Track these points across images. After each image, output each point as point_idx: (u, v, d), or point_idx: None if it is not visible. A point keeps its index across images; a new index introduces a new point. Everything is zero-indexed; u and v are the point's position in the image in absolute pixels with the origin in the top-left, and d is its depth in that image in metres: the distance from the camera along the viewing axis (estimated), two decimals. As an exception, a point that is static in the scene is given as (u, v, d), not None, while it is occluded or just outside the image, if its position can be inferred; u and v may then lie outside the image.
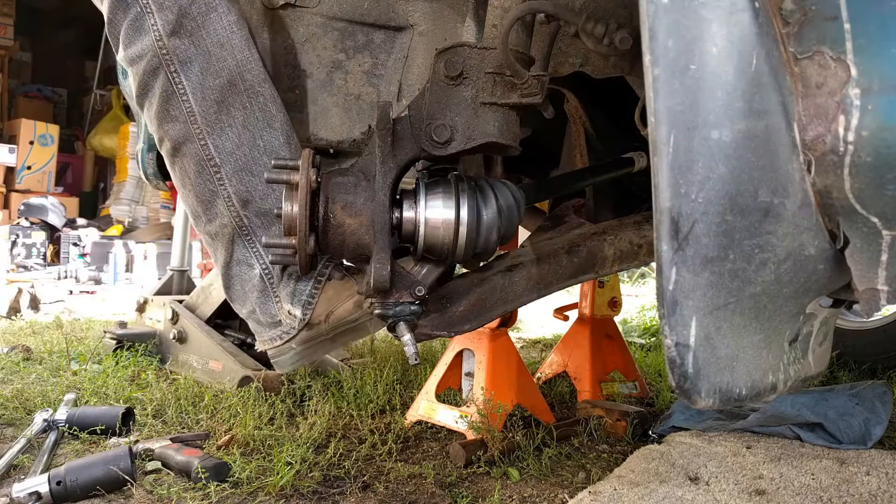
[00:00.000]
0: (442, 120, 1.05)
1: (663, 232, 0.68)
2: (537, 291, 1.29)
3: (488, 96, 1.03)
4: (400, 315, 1.10)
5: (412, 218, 1.06)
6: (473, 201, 1.06)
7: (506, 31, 0.98)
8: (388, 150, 1.04)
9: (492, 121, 1.05)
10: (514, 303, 1.27)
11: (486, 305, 1.22)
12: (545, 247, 1.36)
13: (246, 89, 1.22)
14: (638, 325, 4.09)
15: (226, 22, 1.20)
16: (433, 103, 1.06)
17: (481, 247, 1.08)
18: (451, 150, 1.06)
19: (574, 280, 1.34)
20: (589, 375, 2.33)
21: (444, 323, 1.17)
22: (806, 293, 0.81)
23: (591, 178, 1.45)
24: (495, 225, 1.08)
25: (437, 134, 1.04)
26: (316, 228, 1.04)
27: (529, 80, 1.02)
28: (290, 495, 1.52)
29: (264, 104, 1.23)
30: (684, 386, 0.71)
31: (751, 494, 1.48)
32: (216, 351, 2.42)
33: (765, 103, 0.69)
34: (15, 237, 6.55)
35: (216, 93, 1.20)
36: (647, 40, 0.66)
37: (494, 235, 1.08)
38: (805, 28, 0.71)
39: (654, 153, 0.67)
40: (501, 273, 1.26)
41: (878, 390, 1.90)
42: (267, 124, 1.22)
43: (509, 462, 1.74)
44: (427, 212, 1.06)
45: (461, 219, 1.05)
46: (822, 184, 0.72)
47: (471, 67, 1.04)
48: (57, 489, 1.41)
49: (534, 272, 1.28)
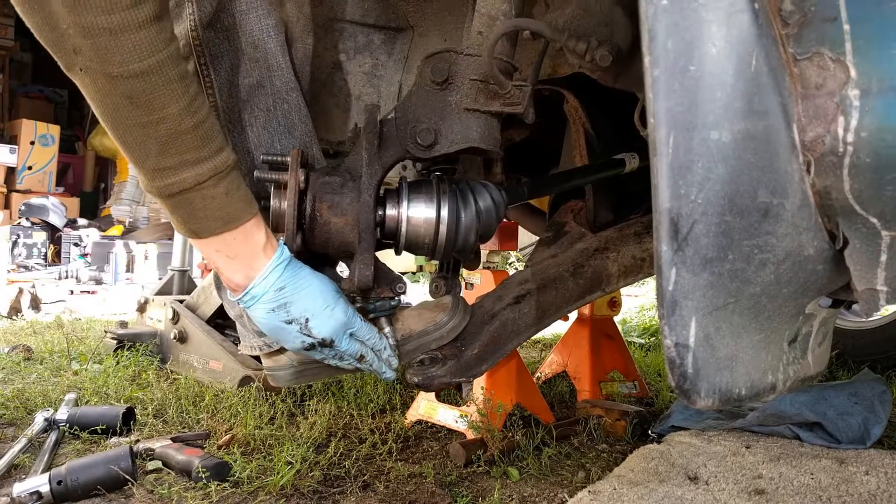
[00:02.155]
0: (427, 124, 1.07)
1: (663, 233, 0.68)
2: (546, 319, 1.32)
3: (472, 102, 1.06)
4: (380, 310, 1.15)
5: (395, 216, 1.09)
6: (454, 203, 1.09)
7: (491, 44, 1.00)
8: (375, 151, 1.07)
9: (474, 126, 1.07)
10: (526, 334, 1.30)
11: (500, 342, 1.25)
12: (549, 269, 1.36)
13: (273, 93, 1.20)
14: (638, 325, 4.10)
15: (263, 25, 1.18)
16: (419, 107, 1.08)
17: (460, 245, 1.11)
18: (435, 153, 1.08)
19: (581, 301, 1.36)
20: (588, 375, 2.33)
21: (461, 368, 1.20)
22: (805, 293, 0.81)
23: (582, 178, 1.46)
24: (474, 225, 1.11)
25: (422, 137, 1.07)
26: (303, 226, 1.06)
27: (512, 90, 1.05)
28: (291, 495, 1.52)
29: (288, 112, 1.22)
30: (684, 386, 0.72)
31: (750, 494, 1.48)
32: (217, 351, 2.42)
33: (764, 104, 0.69)
34: (16, 237, 6.56)
35: (243, 92, 1.19)
36: (646, 41, 0.66)
37: (473, 236, 1.12)
38: (804, 29, 0.71)
39: (653, 154, 0.67)
40: (510, 307, 1.28)
41: (877, 389, 1.90)
42: (287, 131, 1.22)
43: (509, 461, 1.74)
44: (410, 211, 1.08)
45: (441, 218, 1.08)
46: (821, 184, 0.72)
47: (456, 73, 1.06)
48: (58, 489, 1.41)
49: (541, 300, 1.30)
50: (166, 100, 0.85)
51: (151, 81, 0.83)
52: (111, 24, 0.78)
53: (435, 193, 1.09)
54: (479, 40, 1.06)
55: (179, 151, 0.89)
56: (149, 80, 0.83)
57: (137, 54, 0.81)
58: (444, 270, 1.43)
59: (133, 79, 0.82)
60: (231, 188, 0.96)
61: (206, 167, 0.92)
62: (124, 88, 0.83)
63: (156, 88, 0.84)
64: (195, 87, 0.90)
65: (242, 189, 0.99)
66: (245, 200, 0.99)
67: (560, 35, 1.04)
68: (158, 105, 0.85)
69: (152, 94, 0.84)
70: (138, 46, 0.81)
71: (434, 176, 1.13)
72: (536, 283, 1.32)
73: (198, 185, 0.92)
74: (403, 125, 1.08)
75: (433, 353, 1.18)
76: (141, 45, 0.81)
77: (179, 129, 0.88)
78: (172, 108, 0.86)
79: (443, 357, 1.19)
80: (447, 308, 1.21)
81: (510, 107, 1.06)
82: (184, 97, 0.87)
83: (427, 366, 1.17)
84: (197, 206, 0.94)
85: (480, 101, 1.06)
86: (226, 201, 0.95)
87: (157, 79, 0.83)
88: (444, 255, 1.12)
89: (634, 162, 1.40)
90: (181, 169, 0.91)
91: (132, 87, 0.83)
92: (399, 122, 1.09)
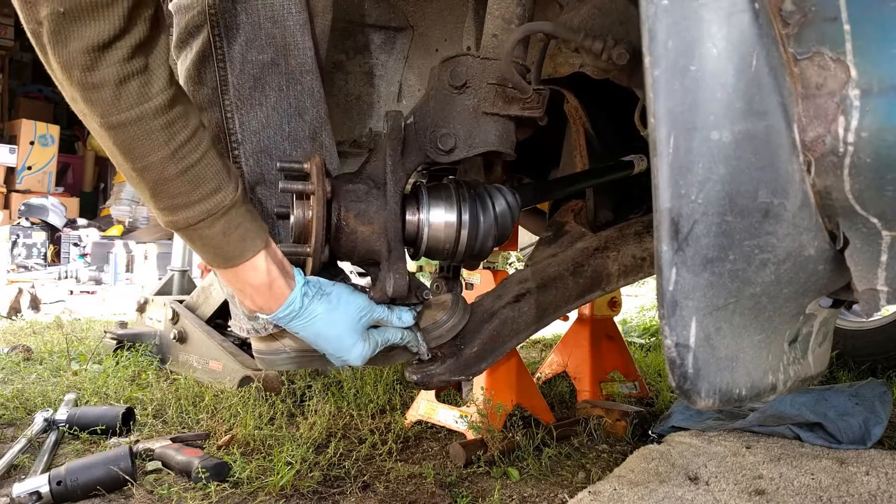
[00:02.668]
0: (446, 128, 1.07)
1: (663, 233, 0.68)
2: (546, 318, 1.31)
3: (490, 106, 1.06)
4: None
5: (415, 221, 1.08)
6: (474, 207, 1.08)
7: (510, 48, 1.00)
8: (399, 158, 1.06)
9: (492, 130, 1.08)
10: (525, 333, 1.29)
11: (499, 341, 1.25)
12: (549, 269, 1.36)
13: (287, 73, 1.16)
14: (638, 325, 4.10)
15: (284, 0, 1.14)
16: (437, 111, 1.08)
17: (478, 250, 1.11)
18: (454, 158, 1.08)
19: (581, 301, 1.35)
20: (589, 375, 2.33)
21: (460, 367, 1.19)
22: (806, 293, 0.81)
23: (591, 180, 1.46)
24: (492, 230, 1.10)
25: (443, 142, 1.07)
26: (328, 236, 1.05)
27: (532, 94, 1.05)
28: (291, 495, 1.52)
29: (300, 93, 1.18)
30: (684, 386, 0.71)
31: (750, 494, 1.48)
32: (216, 351, 2.42)
33: (764, 104, 0.69)
34: (15, 237, 6.56)
35: (256, 68, 1.14)
36: (647, 41, 0.66)
37: (491, 241, 1.11)
38: (805, 29, 0.71)
39: (653, 154, 0.67)
40: (510, 305, 1.28)
41: (877, 390, 1.90)
42: (298, 114, 1.18)
43: (509, 462, 1.74)
44: (430, 216, 1.07)
45: (463, 223, 1.07)
46: (821, 184, 0.72)
47: (473, 77, 1.06)
48: (57, 489, 1.41)
49: (541, 299, 1.30)
50: (147, 149, 0.85)
51: (131, 132, 0.84)
52: (94, 79, 0.80)
53: (455, 198, 1.08)
54: (494, 43, 1.06)
55: (168, 196, 0.89)
56: (128, 132, 0.84)
57: (117, 107, 0.82)
58: (444, 271, 1.43)
59: (113, 129, 0.84)
60: (229, 227, 0.93)
61: (196, 210, 0.91)
62: (109, 137, 0.85)
63: (136, 138, 0.84)
64: (186, 132, 0.88)
65: (244, 226, 0.95)
66: (247, 238, 0.96)
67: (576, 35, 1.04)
68: (140, 154, 0.86)
69: (132, 144, 0.85)
70: (118, 99, 0.82)
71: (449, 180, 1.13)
72: (536, 281, 1.32)
73: (189, 226, 0.92)
74: (422, 130, 1.08)
75: (432, 351, 1.17)
76: (121, 98, 0.82)
77: (164, 176, 0.87)
78: (154, 156, 0.86)
79: (442, 355, 1.18)
80: (447, 307, 1.21)
81: (529, 110, 1.07)
82: (168, 145, 0.86)
83: (426, 364, 1.17)
84: (196, 243, 0.95)
85: (499, 104, 1.06)
86: (223, 241, 0.94)
87: (137, 130, 0.84)
88: (463, 260, 1.12)
89: (643, 164, 1.40)
90: (173, 211, 0.91)
91: (114, 137, 0.84)
92: (418, 126, 1.08)
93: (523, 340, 1.33)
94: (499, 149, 1.09)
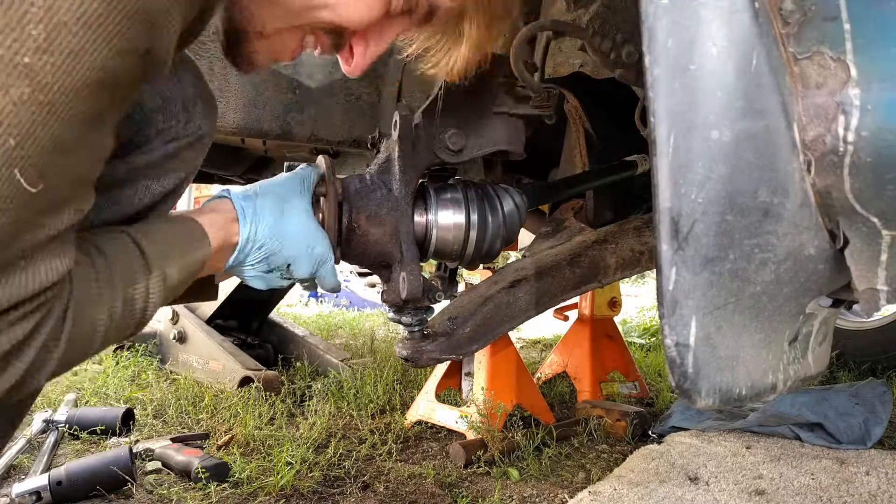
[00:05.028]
0: (455, 128, 1.06)
1: (663, 232, 0.68)
2: (541, 305, 1.30)
3: (499, 105, 1.06)
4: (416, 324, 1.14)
5: (423, 223, 1.07)
6: (483, 208, 1.07)
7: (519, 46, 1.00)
8: (410, 159, 1.04)
9: (501, 129, 1.07)
10: (519, 318, 1.29)
11: (492, 324, 1.24)
12: (547, 258, 1.36)
13: None
14: (638, 325, 4.10)
15: None
16: (445, 111, 1.07)
17: (486, 251, 1.10)
18: (464, 158, 1.07)
19: (577, 291, 1.35)
20: (589, 375, 2.33)
21: (451, 346, 1.19)
22: (806, 293, 0.81)
23: (594, 181, 1.45)
24: (501, 231, 1.09)
25: (453, 142, 1.06)
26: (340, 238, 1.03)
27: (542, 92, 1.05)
28: (291, 495, 1.52)
29: None
30: (684, 386, 0.71)
31: (750, 494, 1.48)
32: (216, 351, 2.42)
33: (764, 103, 0.69)
34: (15, 237, 6.55)
35: None
36: (646, 40, 0.66)
37: (499, 242, 1.10)
38: (805, 28, 0.71)
39: (653, 153, 0.67)
40: (505, 290, 1.27)
41: (877, 390, 1.90)
42: None
43: (509, 462, 1.74)
44: (439, 217, 1.06)
45: (472, 224, 1.06)
46: (821, 184, 0.72)
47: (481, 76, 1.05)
48: (57, 489, 1.41)
49: (537, 287, 1.29)
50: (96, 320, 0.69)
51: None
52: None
53: (463, 199, 1.07)
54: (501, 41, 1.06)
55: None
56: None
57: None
58: (441, 270, 1.42)
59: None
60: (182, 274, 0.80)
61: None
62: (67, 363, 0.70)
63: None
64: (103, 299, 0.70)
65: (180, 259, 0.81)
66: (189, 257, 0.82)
67: (584, 33, 1.04)
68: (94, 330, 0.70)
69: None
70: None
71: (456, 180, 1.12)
72: (533, 269, 1.32)
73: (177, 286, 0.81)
74: (431, 130, 1.07)
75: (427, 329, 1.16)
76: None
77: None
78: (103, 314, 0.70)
79: (434, 334, 1.17)
80: None
81: (540, 109, 1.06)
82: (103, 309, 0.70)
83: (418, 340, 1.16)
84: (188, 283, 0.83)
85: (509, 103, 1.06)
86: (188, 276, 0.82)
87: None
88: (471, 262, 1.11)
89: (646, 164, 1.40)
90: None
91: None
92: (426, 127, 1.07)
93: (517, 325, 1.33)
94: (508, 148, 1.08)
